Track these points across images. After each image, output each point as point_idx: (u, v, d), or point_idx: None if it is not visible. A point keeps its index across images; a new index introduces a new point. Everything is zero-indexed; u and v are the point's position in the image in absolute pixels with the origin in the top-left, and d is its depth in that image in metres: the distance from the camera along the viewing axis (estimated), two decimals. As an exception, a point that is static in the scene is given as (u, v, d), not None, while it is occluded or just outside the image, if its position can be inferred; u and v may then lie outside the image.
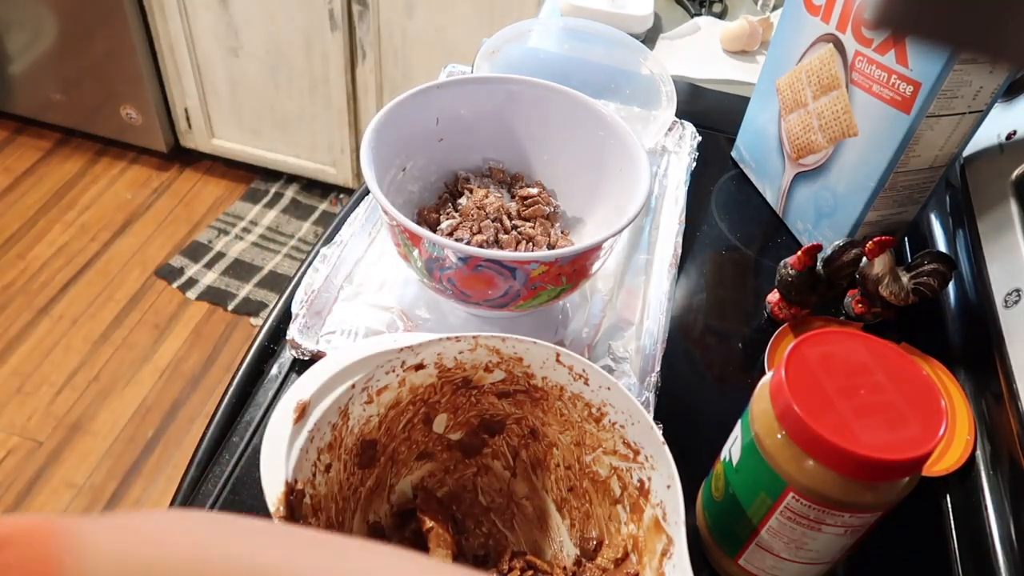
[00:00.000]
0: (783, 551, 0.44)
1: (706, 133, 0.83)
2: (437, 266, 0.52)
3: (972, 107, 0.59)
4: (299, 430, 0.40)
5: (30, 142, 2.13)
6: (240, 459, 0.52)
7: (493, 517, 0.50)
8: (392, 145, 0.59)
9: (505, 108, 0.64)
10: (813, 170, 0.70)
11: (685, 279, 0.70)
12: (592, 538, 0.47)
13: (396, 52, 1.72)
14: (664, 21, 1.09)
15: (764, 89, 0.75)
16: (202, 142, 2.05)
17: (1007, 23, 0.21)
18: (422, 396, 0.47)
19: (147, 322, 1.74)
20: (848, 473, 0.38)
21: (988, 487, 0.53)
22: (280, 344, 0.59)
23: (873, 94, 0.61)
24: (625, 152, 0.60)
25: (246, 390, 0.57)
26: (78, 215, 1.96)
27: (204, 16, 1.77)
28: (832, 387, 0.40)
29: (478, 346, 0.45)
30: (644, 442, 0.43)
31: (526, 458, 0.50)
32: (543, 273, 0.51)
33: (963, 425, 0.57)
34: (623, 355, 0.60)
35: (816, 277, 0.61)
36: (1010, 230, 0.60)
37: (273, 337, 0.60)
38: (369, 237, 0.67)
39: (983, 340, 0.59)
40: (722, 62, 1.01)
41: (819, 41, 0.66)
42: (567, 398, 0.46)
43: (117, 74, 1.90)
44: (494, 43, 0.80)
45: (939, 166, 0.63)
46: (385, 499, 0.48)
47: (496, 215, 0.62)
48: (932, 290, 0.61)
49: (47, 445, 1.50)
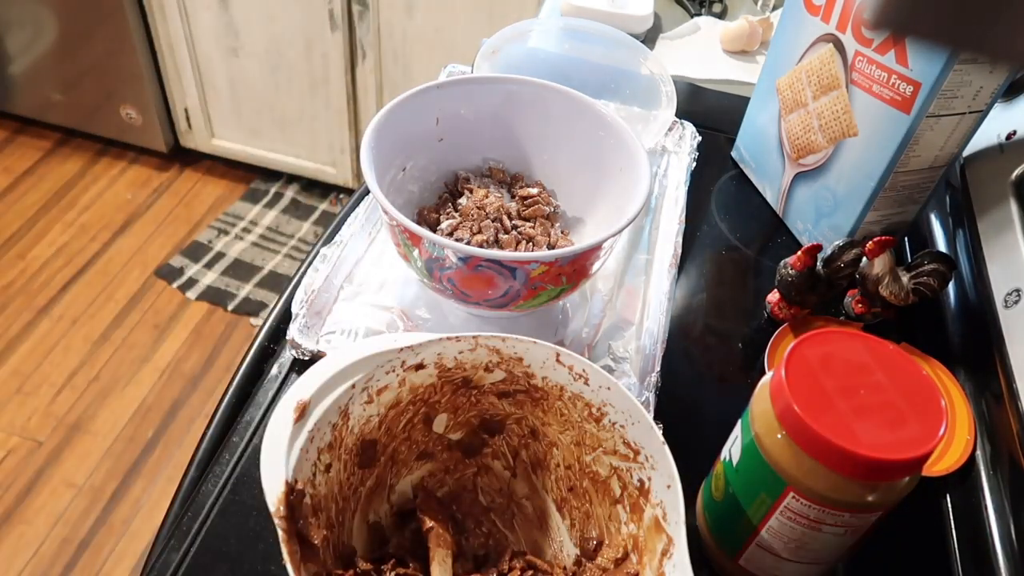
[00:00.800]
0: (783, 551, 0.44)
1: (706, 133, 0.83)
2: (437, 266, 0.52)
3: (972, 107, 0.59)
4: (299, 430, 0.40)
5: (30, 142, 2.13)
6: (240, 459, 0.52)
7: (493, 517, 0.50)
8: (392, 145, 0.59)
9: (505, 108, 0.64)
10: (813, 170, 0.70)
11: (685, 279, 0.70)
12: (592, 538, 0.47)
13: (396, 52, 1.72)
14: (664, 21, 1.09)
15: (764, 89, 0.75)
16: (202, 142, 2.05)
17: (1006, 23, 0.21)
18: (422, 396, 0.47)
19: (147, 322, 1.75)
20: (848, 473, 0.38)
21: (988, 487, 0.53)
22: (280, 344, 0.59)
23: (873, 94, 0.61)
24: (625, 152, 0.60)
25: (246, 390, 0.57)
26: (78, 215, 1.96)
27: (204, 16, 1.77)
28: (832, 387, 0.40)
29: (478, 346, 0.45)
30: (644, 442, 0.43)
31: (526, 458, 0.50)
32: (543, 273, 0.51)
33: (963, 425, 0.57)
34: (623, 355, 0.60)
35: (816, 277, 0.61)
36: (1010, 230, 0.60)
37: (273, 337, 0.60)
38: (369, 237, 0.67)
39: (983, 340, 0.59)
40: (722, 62, 1.01)
41: (819, 41, 0.66)
42: (567, 398, 0.46)
43: (117, 74, 1.91)
44: (494, 43, 0.80)
45: (939, 166, 0.63)
46: (385, 499, 0.48)
47: (496, 215, 0.62)
48: (932, 290, 0.61)
49: (47, 445, 1.50)
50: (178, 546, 0.48)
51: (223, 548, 0.48)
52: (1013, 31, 0.21)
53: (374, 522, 0.47)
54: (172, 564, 0.47)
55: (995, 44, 0.21)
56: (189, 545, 0.48)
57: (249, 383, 0.57)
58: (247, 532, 0.49)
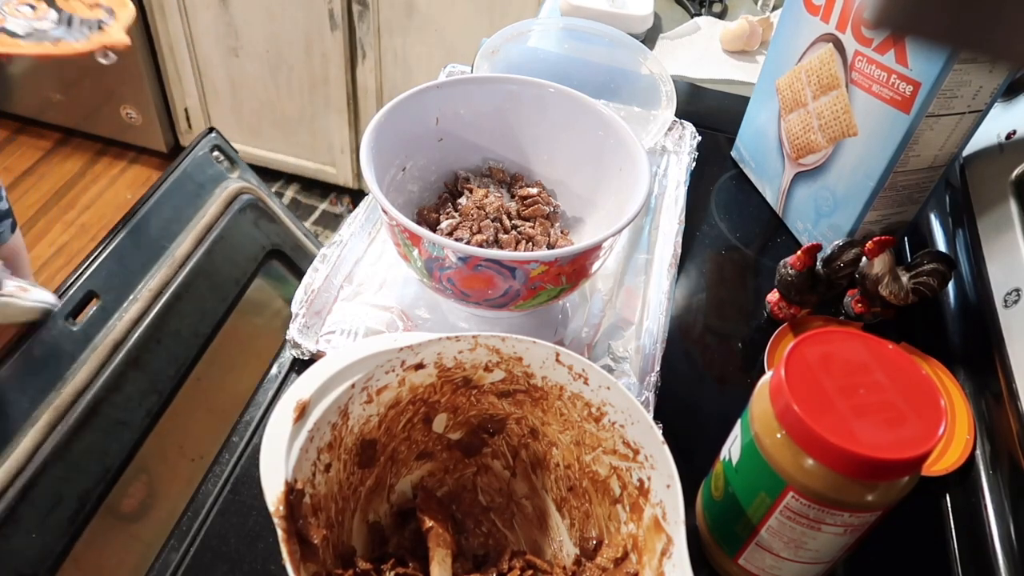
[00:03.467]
0: (783, 551, 0.44)
1: (706, 133, 0.83)
2: (437, 266, 0.52)
3: (972, 107, 0.59)
4: (299, 430, 0.40)
5: (30, 142, 2.13)
6: (240, 459, 0.52)
7: (493, 517, 0.50)
8: (392, 145, 0.59)
9: (505, 108, 0.64)
10: (813, 170, 0.70)
11: (685, 279, 0.70)
12: (592, 538, 0.47)
13: (396, 52, 1.72)
14: (664, 21, 1.09)
15: (764, 89, 0.75)
16: (202, 142, 2.04)
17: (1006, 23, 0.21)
18: (422, 396, 0.47)
19: (147, 322, 1.74)
20: (848, 472, 0.38)
21: (988, 487, 0.53)
22: (280, 344, 0.59)
23: (873, 94, 0.61)
24: (625, 152, 0.60)
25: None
26: (78, 215, 1.96)
27: (204, 16, 1.77)
28: (832, 387, 0.40)
29: (478, 346, 0.45)
30: (644, 442, 0.43)
31: (526, 458, 0.50)
32: (543, 273, 0.51)
33: (963, 425, 0.57)
34: (623, 355, 0.60)
35: (816, 277, 0.61)
36: (1010, 230, 0.60)
37: (273, 337, 0.60)
38: (369, 237, 0.67)
39: (983, 340, 0.59)
40: (722, 62, 1.01)
41: (819, 41, 0.66)
42: (567, 398, 0.46)
43: (117, 74, 1.90)
44: (494, 43, 0.80)
45: (939, 166, 0.63)
46: (385, 499, 0.48)
47: (496, 215, 0.62)
48: (932, 290, 0.61)
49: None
50: (178, 546, 0.48)
51: (223, 548, 0.48)
52: (1013, 31, 0.21)
53: (374, 522, 0.47)
54: (172, 564, 0.47)
55: (995, 44, 0.21)
56: (189, 545, 0.48)
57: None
58: (247, 532, 0.49)
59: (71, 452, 0.75)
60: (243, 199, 1.01)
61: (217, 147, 1.00)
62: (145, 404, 0.85)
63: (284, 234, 1.09)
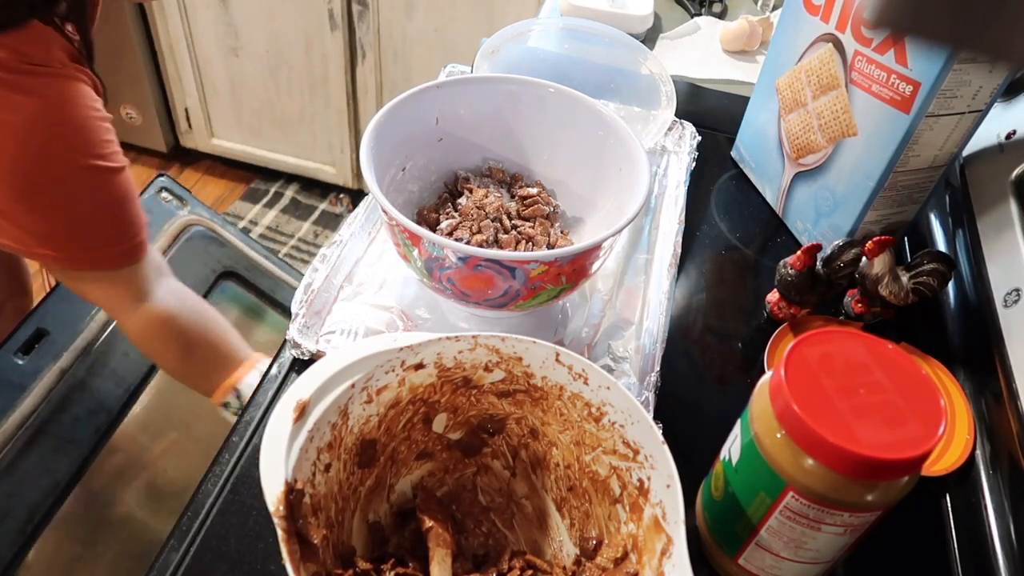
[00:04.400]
0: (783, 550, 0.44)
1: (706, 133, 0.83)
2: (437, 266, 0.53)
3: (972, 107, 0.59)
4: (299, 430, 0.40)
5: (30, 142, 2.13)
6: (240, 459, 0.52)
7: (493, 517, 0.50)
8: (392, 145, 0.59)
9: (505, 108, 0.64)
10: (813, 170, 0.70)
11: (685, 279, 0.70)
12: (592, 537, 0.47)
13: (396, 52, 1.72)
14: (664, 21, 1.09)
15: (764, 89, 0.75)
16: (202, 142, 2.05)
17: (1006, 23, 0.21)
18: (422, 396, 0.47)
19: (147, 322, 1.74)
20: (847, 472, 0.38)
21: (988, 487, 0.53)
22: (280, 344, 0.59)
23: (872, 94, 0.61)
24: (625, 152, 0.60)
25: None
26: (78, 215, 1.95)
27: (204, 16, 1.77)
28: (832, 387, 0.40)
29: (478, 346, 0.45)
30: (644, 442, 0.43)
31: (526, 458, 0.50)
32: (543, 273, 0.51)
33: (963, 425, 0.57)
34: (623, 355, 0.60)
35: (816, 277, 0.61)
36: (1010, 230, 0.60)
37: (273, 337, 0.60)
38: (369, 237, 0.67)
39: (983, 340, 0.59)
40: (722, 62, 1.01)
41: (819, 41, 0.66)
42: (567, 398, 0.46)
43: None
44: (494, 43, 0.80)
45: (939, 166, 0.63)
46: (385, 499, 0.48)
47: (496, 215, 0.62)
48: (932, 290, 0.61)
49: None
50: (178, 546, 0.48)
51: (223, 548, 0.48)
52: (1013, 31, 0.21)
53: (374, 522, 0.47)
54: (172, 564, 0.47)
55: (995, 44, 0.21)
56: (189, 545, 0.48)
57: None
58: (247, 532, 0.49)
59: (17, 469, 0.82)
60: (192, 230, 1.14)
61: (165, 188, 1.14)
62: (93, 423, 0.91)
63: (236, 256, 1.19)
